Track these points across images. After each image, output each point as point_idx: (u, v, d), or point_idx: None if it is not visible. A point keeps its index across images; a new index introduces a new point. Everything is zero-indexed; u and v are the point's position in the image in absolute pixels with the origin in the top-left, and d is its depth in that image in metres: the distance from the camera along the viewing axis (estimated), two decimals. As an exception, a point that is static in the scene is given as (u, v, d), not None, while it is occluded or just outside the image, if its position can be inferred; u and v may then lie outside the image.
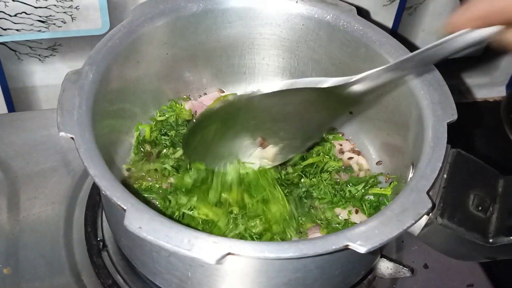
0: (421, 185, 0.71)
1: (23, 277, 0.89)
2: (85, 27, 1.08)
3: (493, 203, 0.74)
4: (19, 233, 0.94)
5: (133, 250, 0.80)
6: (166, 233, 0.63)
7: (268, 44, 1.01)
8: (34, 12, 1.03)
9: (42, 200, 0.98)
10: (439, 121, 0.79)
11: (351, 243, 0.64)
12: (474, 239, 0.72)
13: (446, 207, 0.73)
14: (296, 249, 0.64)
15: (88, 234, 0.93)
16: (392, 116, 0.92)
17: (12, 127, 1.09)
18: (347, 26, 0.93)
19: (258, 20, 0.98)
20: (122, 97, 0.90)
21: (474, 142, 1.30)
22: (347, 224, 0.90)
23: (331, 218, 0.90)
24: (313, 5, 0.95)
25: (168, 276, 0.76)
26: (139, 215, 0.65)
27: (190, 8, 0.93)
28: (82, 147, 0.70)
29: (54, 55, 1.11)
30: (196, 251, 0.62)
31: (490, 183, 0.76)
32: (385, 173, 0.97)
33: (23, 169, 1.02)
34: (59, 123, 0.72)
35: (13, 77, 1.13)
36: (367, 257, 0.83)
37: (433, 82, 0.83)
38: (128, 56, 0.88)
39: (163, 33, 0.92)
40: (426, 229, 0.74)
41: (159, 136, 0.97)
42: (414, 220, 0.68)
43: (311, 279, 0.74)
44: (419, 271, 0.95)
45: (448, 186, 0.74)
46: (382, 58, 0.89)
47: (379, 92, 0.89)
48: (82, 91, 0.77)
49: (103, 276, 0.88)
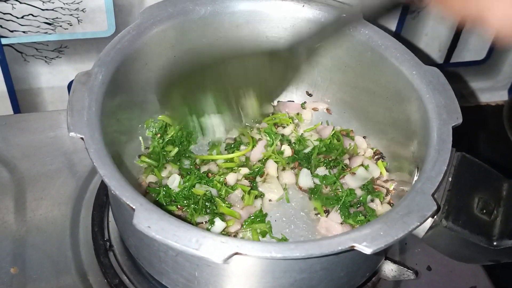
0: (426, 187, 0.72)
1: (30, 276, 0.89)
2: (91, 30, 1.09)
3: (497, 206, 0.75)
4: (26, 233, 0.94)
5: (140, 249, 0.81)
6: (174, 233, 0.64)
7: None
8: (41, 14, 1.04)
9: (48, 201, 0.99)
10: (444, 124, 0.80)
11: (357, 244, 0.65)
12: (478, 241, 0.73)
13: (451, 210, 0.73)
14: (302, 249, 0.64)
15: (95, 234, 0.93)
16: (397, 119, 0.93)
17: (18, 128, 1.10)
18: (353, 30, 0.93)
19: (265, 23, 0.99)
20: (131, 99, 0.91)
21: (477, 145, 1.30)
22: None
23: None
24: (319, 8, 0.96)
25: (175, 276, 0.77)
26: (148, 215, 0.65)
27: (198, 11, 0.94)
28: (92, 147, 0.71)
29: (60, 57, 1.12)
30: (204, 250, 0.63)
31: (494, 186, 0.76)
32: (390, 178, 0.98)
33: (29, 170, 1.03)
34: (69, 124, 0.73)
35: (19, 78, 1.13)
36: (372, 259, 0.84)
37: (438, 86, 0.84)
38: (136, 58, 0.88)
39: (171, 36, 0.93)
40: (431, 231, 0.74)
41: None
42: (419, 222, 0.68)
43: (316, 280, 0.75)
44: (422, 273, 0.95)
45: (453, 189, 0.75)
46: (388, 61, 0.89)
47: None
48: (92, 92, 0.78)
49: (110, 276, 0.89)
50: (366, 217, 0.91)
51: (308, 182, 0.97)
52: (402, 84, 0.88)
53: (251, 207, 0.92)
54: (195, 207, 0.89)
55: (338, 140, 1.02)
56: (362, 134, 1.04)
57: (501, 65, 1.40)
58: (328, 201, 0.94)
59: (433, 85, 0.84)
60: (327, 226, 0.91)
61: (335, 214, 0.92)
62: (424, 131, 0.82)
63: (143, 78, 0.92)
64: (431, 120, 0.81)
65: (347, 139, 1.03)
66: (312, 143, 1.01)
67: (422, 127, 0.84)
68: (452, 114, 0.81)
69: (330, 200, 0.94)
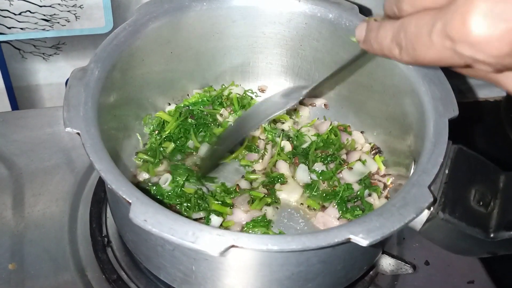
0: (422, 179, 0.72)
1: (28, 272, 0.89)
2: (89, 26, 1.09)
3: (494, 198, 0.74)
4: (24, 229, 0.95)
5: (137, 244, 0.81)
6: (170, 226, 0.64)
7: (271, 43, 1.02)
8: (39, 11, 1.04)
9: (46, 196, 0.99)
10: (440, 117, 0.80)
11: (353, 236, 0.65)
12: (475, 234, 0.73)
13: (448, 202, 0.73)
14: (299, 242, 0.64)
15: (93, 230, 0.94)
16: (393, 113, 0.93)
17: (16, 125, 1.10)
18: (349, 25, 0.93)
19: (261, 19, 0.99)
20: (127, 94, 0.91)
21: (475, 141, 1.30)
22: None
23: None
24: (315, 4, 0.96)
25: (172, 270, 0.77)
26: (144, 209, 0.65)
27: (194, 7, 0.94)
28: (88, 142, 0.71)
29: (58, 54, 1.12)
30: (200, 243, 0.63)
31: (491, 179, 0.76)
32: (387, 172, 0.98)
33: (28, 166, 1.03)
34: (65, 119, 0.73)
35: (17, 75, 1.14)
36: (369, 252, 0.84)
37: (434, 78, 0.84)
38: (133, 54, 0.88)
39: (167, 32, 0.93)
40: (428, 224, 0.74)
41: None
42: (416, 214, 0.68)
43: (313, 273, 0.75)
44: (420, 268, 0.95)
45: (449, 181, 0.75)
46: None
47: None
48: (88, 88, 0.78)
49: (108, 272, 0.89)
50: (363, 212, 0.91)
51: (305, 178, 0.97)
52: (398, 78, 0.88)
53: (256, 211, 0.92)
54: (188, 205, 0.89)
55: (335, 135, 1.02)
56: (359, 129, 1.04)
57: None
58: (326, 197, 0.94)
59: (429, 77, 0.84)
60: (324, 221, 0.91)
61: (332, 209, 0.92)
62: (420, 124, 0.82)
63: (139, 74, 0.92)
64: (427, 112, 0.81)
65: (344, 134, 1.03)
66: (310, 138, 1.02)
67: (418, 120, 0.84)
68: (448, 106, 0.81)
69: (327, 196, 0.94)
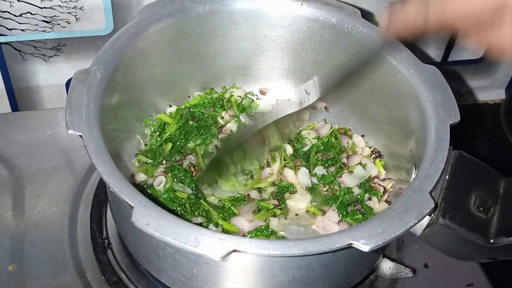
0: (424, 185, 0.72)
1: (28, 274, 0.89)
2: (89, 28, 1.09)
3: (494, 204, 0.75)
4: (24, 230, 0.95)
5: (138, 247, 0.81)
6: (172, 230, 0.64)
7: (273, 46, 1.02)
8: (39, 12, 1.04)
9: (46, 198, 0.99)
10: (442, 122, 0.80)
11: (355, 241, 0.65)
12: (475, 239, 0.73)
13: (448, 208, 0.73)
14: (300, 247, 0.64)
15: (93, 232, 0.93)
16: (394, 117, 0.93)
17: (16, 126, 1.10)
18: (351, 29, 0.94)
19: (264, 22, 0.99)
20: (129, 96, 0.90)
21: (475, 144, 1.30)
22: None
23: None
24: (318, 7, 0.96)
25: (173, 273, 0.77)
26: (146, 212, 0.65)
27: (197, 9, 0.94)
28: (91, 144, 0.71)
29: (58, 55, 1.12)
30: (202, 247, 0.63)
31: (491, 184, 0.77)
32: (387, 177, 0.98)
33: (28, 168, 1.03)
34: (67, 121, 0.73)
35: (18, 76, 1.13)
36: (370, 256, 0.84)
37: (437, 84, 0.84)
38: (135, 56, 0.88)
39: (169, 34, 0.93)
40: (428, 229, 0.74)
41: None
42: (417, 219, 0.69)
43: (314, 278, 0.75)
44: (420, 271, 0.96)
45: (450, 187, 0.75)
46: (386, 60, 0.89)
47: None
48: (90, 90, 0.78)
49: (108, 273, 0.89)
50: (364, 216, 0.91)
51: (307, 181, 0.97)
52: (400, 83, 0.88)
53: (260, 221, 0.91)
54: (184, 209, 0.89)
55: (336, 138, 1.02)
56: (360, 132, 1.04)
57: (499, 64, 1.40)
58: (326, 201, 0.94)
59: (431, 83, 0.85)
60: (324, 225, 0.91)
61: (332, 213, 0.92)
62: (422, 129, 0.82)
63: (141, 76, 0.92)
64: (429, 118, 0.81)
65: (345, 137, 1.03)
66: (310, 141, 1.02)
67: (420, 125, 0.84)
68: (450, 112, 0.81)
69: (327, 200, 0.94)
